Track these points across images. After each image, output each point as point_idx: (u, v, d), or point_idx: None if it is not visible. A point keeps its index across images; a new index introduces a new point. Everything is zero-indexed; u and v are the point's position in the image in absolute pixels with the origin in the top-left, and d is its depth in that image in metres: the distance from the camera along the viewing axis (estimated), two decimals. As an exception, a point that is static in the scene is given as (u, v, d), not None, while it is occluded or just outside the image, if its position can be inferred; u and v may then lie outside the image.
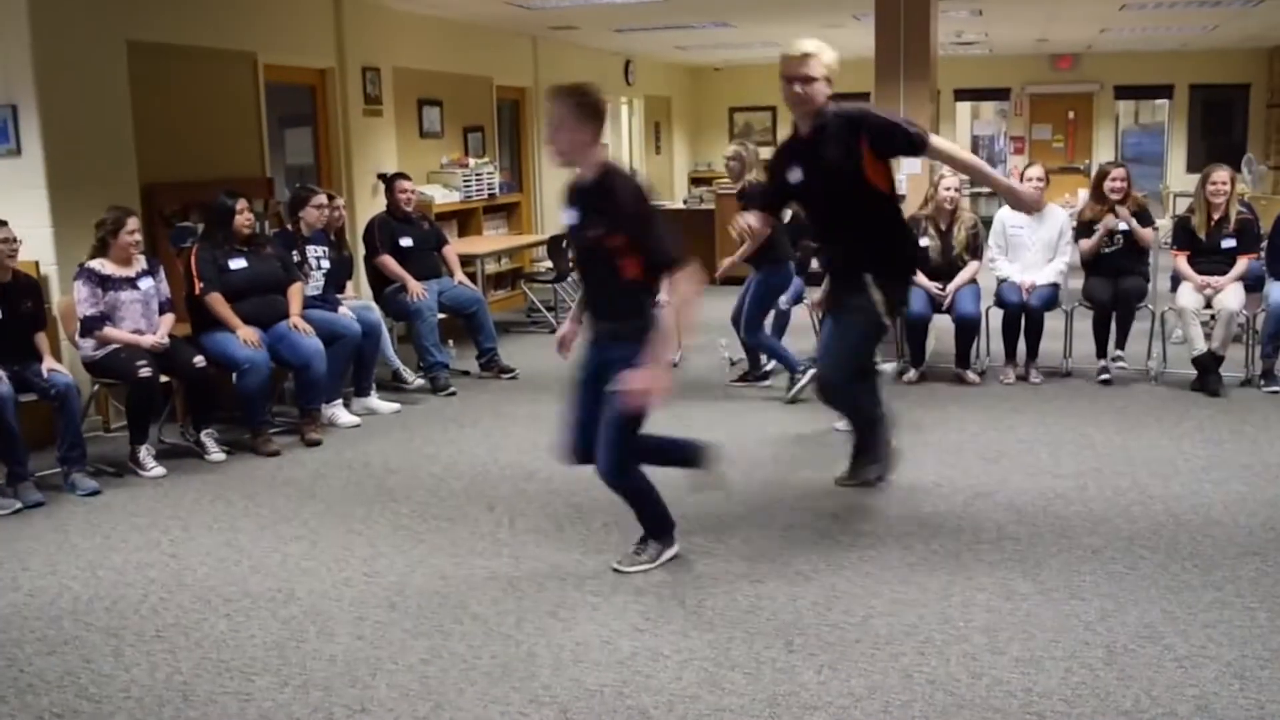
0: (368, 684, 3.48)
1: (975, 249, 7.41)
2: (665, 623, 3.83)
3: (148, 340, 5.88)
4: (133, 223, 5.96)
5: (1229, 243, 7.22)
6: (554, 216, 12.29)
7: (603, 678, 3.45)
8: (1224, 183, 7.17)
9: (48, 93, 6.42)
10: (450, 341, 7.95)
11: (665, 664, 3.53)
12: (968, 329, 7.37)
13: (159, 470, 5.82)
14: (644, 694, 3.33)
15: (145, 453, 5.84)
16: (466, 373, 8.00)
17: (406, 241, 7.81)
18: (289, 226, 7.11)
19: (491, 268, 10.27)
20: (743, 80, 17.52)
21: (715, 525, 4.77)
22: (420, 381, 7.55)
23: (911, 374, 7.46)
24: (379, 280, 7.76)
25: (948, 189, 7.32)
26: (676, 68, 17.22)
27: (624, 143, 15.93)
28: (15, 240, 5.66)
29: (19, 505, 5.30)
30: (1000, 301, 7.40)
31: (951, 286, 7.27)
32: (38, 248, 6.34)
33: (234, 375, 6.15)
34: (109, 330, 5.86)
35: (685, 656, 3.58)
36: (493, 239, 10.93)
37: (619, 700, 3.31)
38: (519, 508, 5.14)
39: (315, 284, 6.90)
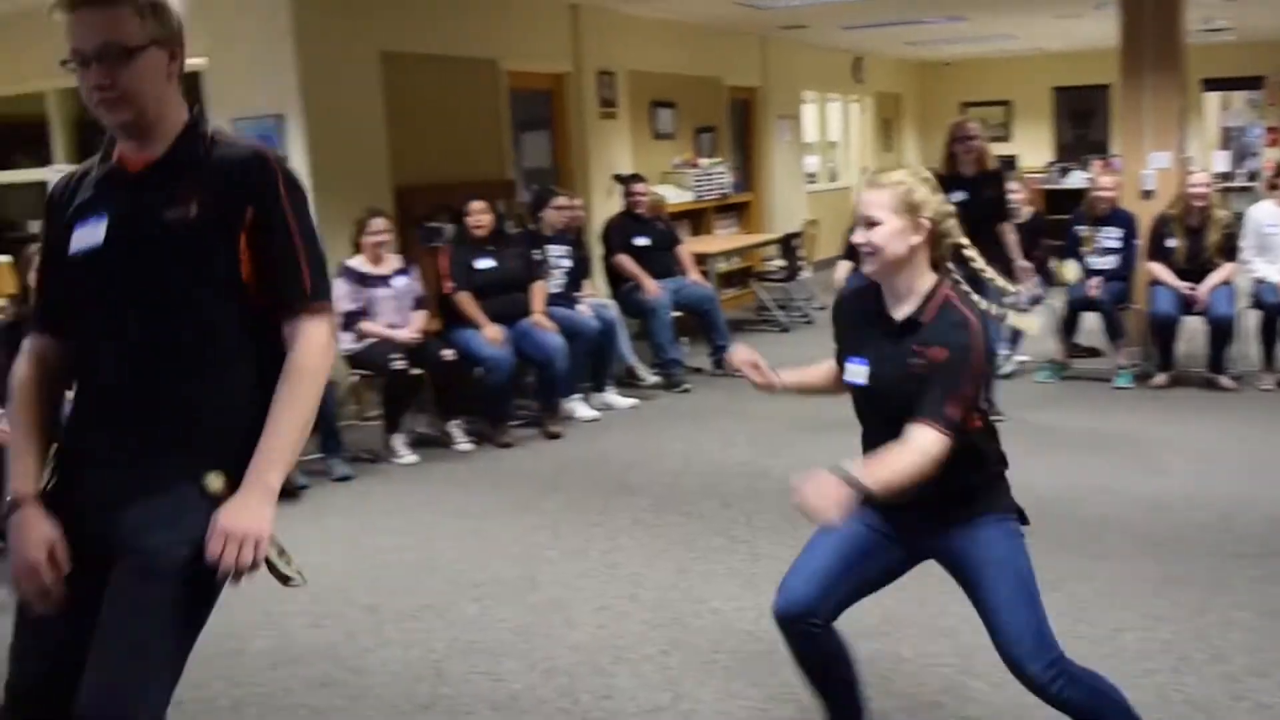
0: (609, 672, 3.58)
1: (1229, 250, 7.04)
2: (906, 626, 3.80)
3: (402, 335, 6.18)
4: (376, 224, 6.27)
5: None
6: (784, 215, 12.29)
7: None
8: None
9: (311, 103, 6.82)
10: (684, 339, 8.06)
11: (906, 667, 3.51)
12: (1222, 331, 7.01)
13: (412, 458, 6.12)
14: (885, 697, 3.32)
15: (399, 441, 6.16)
16: (699, 370, 8.09)
17: (642, 241, 7.96)
18: (531, 227, 7.34)
19: (723, 266, 10.34)
20: (975, 74, 17.10)
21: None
22: (655, 378, 7.68)
23: (1160, 378, 7.15)
24: (616, 278, 7.94)
25: (1198, 186, 6.98)
26: (906, 64, 16.94)
27: (852, 142, 15.78)
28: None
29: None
30: (1258, 303, 7.02)
31: (1204, 287, 6.93)
32: (302, 247, 6.74)
33: (479, 370, 6.41)
34: (366, 325, 6.19)
35: (926, 661, 3.55)
36: (724, 238, 11.01)
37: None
38: (755, 505, 5.18)
39: (556, 282, 7.11)
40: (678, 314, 7.90)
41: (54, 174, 8.03)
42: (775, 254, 10.71)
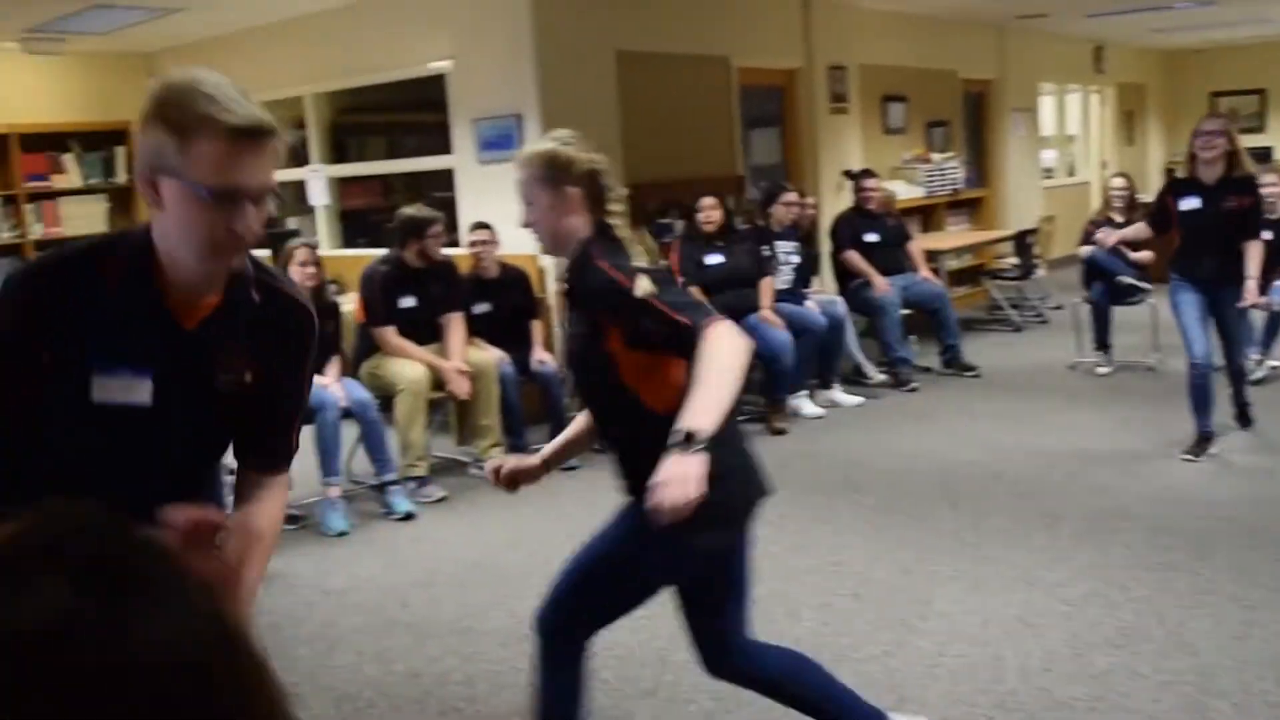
0: (832, 669, 3.58)
1: None
2: (1143, 641, 3.66)
3: (631, 329, 6.29)
4: None
5: None
6: (1019, 212, 11.93)
7: (1073, 691, 3.36)
8: None
9: (548, 102, 7.02)
10: (913, 337, 7.94)
11: (1143, 684, 3.38)
12: None
13: (639, 452, 6.23)
14: (1119, 713, 3.22)
15: (626, 433, 6.28)
16: (928, 369, 7.96)
17: (871, 237, 7.88)
18: (760, 223, 7.37)
19: (954, 264, 10.13)
20: (1226, 61, 16.14)
21: (1198, 541, 4.50)
22: (881, 376, 7.60)
23: None
24: (844, 275, 7.89)
25: None
26: (1151, 52, 16.14)
27: (1092, 135, 15.17)
28: (493, 241, 6.23)
29: (518, 475, 5.87)
30: None
31: None
32: (536, 243, 6.95)
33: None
34: (598, 319, 6.33)
35: (1166, 678, 3.41)
36: (955, 235, 10.78)
37: (1091, 716, 3.21)
38: (984, 508, 5.07)
39: (784, 278, 7.12)
40: (907, 311, 7.79)
41: (310, 174, 8.53)
42: (1009, 251, 10.42)
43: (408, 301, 5.94)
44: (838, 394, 7.15)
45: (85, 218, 8.94)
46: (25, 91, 8.79)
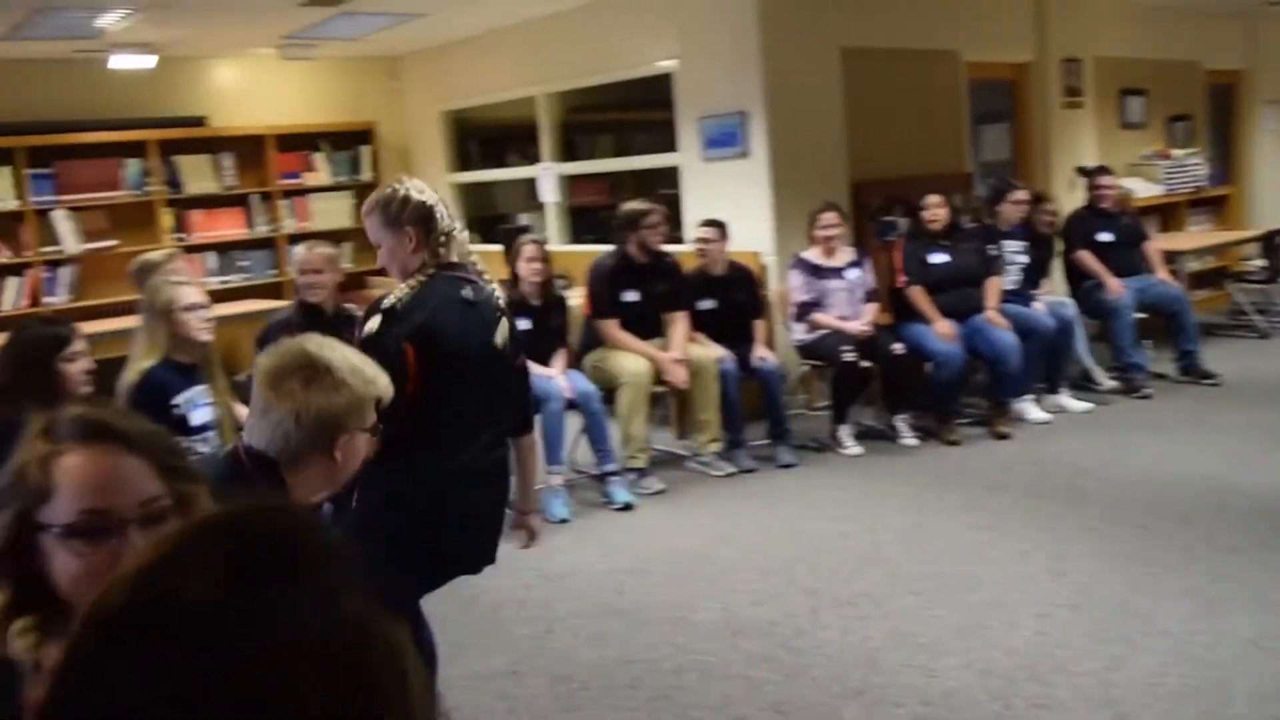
0: (1048, 681, 3.51)
1: None
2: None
3: (853, 327, 6.28)
4: (828, 217, 6.40)
5: None
6: (1268, 211, 11.27)
7: (1310, 717, 3.21)
8: None
9: (773, 100, 7.05)
10: (1148, 342, 7.62)
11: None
12: None
13: (856, 449, 6.22)
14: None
15: (845, 432, 6.28)
16: (1163, 376, 7.61)
17: (1105, 237, 7.60)
18: (987, 221, 7.22)
19: (1194, 265, 9.65)
20: None
21: None
22: (1112, 383, 7.33)
23: None
24: (1076, 276, 7.64)
25: None
26: None
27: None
28: (721, 239, 6.29)
29: (733, 470, 5.95)
30: None
31: None
32: (759, 240, 7.02)
33: (929, 365, 6.40)
34: (819, 315, 6.35)
35: None
36: (1196, 235, 10.25)
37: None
38: (1219, 524, 4.84)
39: (1012, 279, 6.95)
40: (1142, 315, 7.47)
41: (541, 172, 8.81)
42: (1255, 253, 9.86)
43: (631, 296, 6.08)
44: (1065, 399, 6.92)
45: (333, 213, 9.48)
46: (280, 95, 9.39)
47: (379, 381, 2.31)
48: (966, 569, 4.48)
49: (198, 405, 3.95)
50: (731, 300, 6.36)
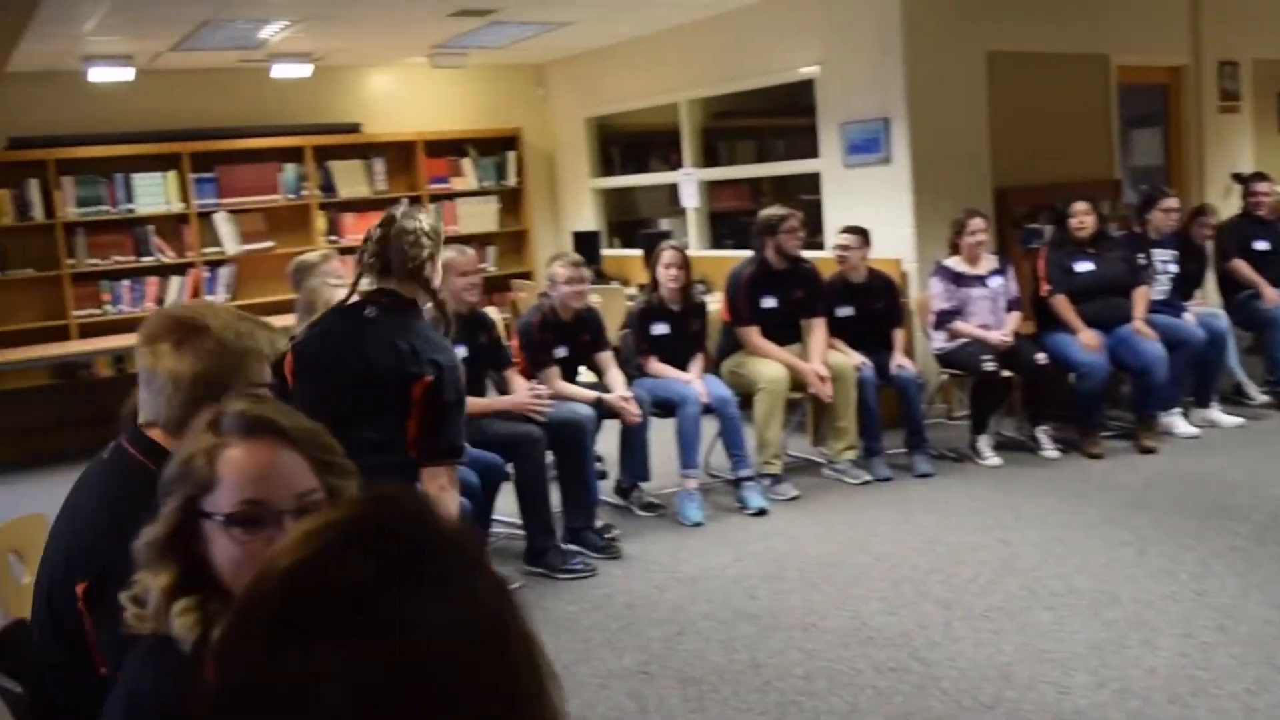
0: (1187, 703, 3.44)
1: None
2: None
3: (994, 336, 6.20)
4: (975, 224, 6.31)
5: None
6: None
7: None
8: None
9: (916, 105, 7.01)
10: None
11: None
12: None
13: (995, 460, 6.14)
14: None
15: (984, 442, 6.20)
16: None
17: (1262, 245, 7.33)
18: (1136, 229, 7.04)
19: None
20: None
21: None
22: (1265, 397, 7.08)
23: None
24: (1229, 286, 7.40)
25: None
26: None
27: None
28: (863, 246, 6.26)
29: (869, 478, 5.94)
30: None
31: None
32: (899, 247, 6.98)
33: (1072, 376, 6.28)
34: (959, 324, 6.28)
35: None
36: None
37: None
38: (1375, 545, 4.67)
39: (1161, 289, 6.78)
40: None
41: (683, 177, 8.89)
42: None
43: (770, 302, 6.10)
44: (1215, 413, 6.71)
45: (479, 217, 9.73)
46: (430, 102, 9.67)
47: (257, 335, 2.21)
48: (1105, 585, 4.40)
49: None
50: (870, 308, 6.34)
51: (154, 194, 8.51)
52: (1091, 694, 3.52)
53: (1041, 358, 6.18)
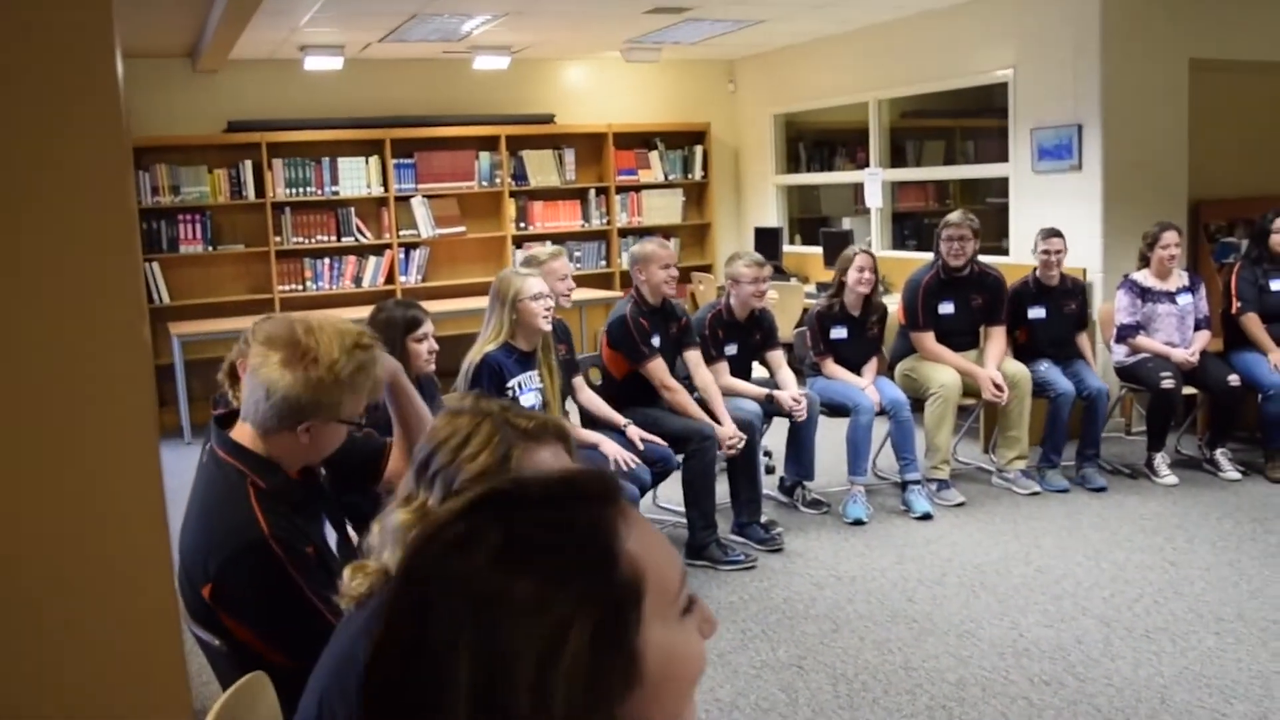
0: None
1: None
2: None
3: (1178, 354, 6.06)
4: (1168, 237, 6.16)
5: None
6: None
7: None
8: None
9: (1111, 112, 6.86)
10: None
11: None
12: None
13: (1171, 479, 6.01)
14: None
15: (1160, 460, 6.07)
16: None
17: None
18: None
19: None
20: None
21: None
22: None
23: None
24: None
25: None
26: None
27: None
28: (1065, 250, 6.19)
29: (1037, 488, 5.89)
30: None
31: None
32: (1086, 255, 6.86)
33: (1260, 396, 6.09)
34: (1141, 339, 6.16)
35: None
36: None
37: None
38: None
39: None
40: None
41: (869, 177, 8.89)
42: None
43: (947, 308, 6.10)
44: None
45: (663, 209, 9.93)
46: (621, 95, 9.90)
47: (369, 368, 2.25)
48: (1277, 615, 4.30)
49: (529, 389, 4.35)
50: (1063, 310, 6.24)
51: (357, 177, 8.95)
52: (1250, 723, 3.48)
53: (1234, 379, 6.01)
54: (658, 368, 5.16)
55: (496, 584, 0.86)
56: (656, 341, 5.23)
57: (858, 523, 5.50)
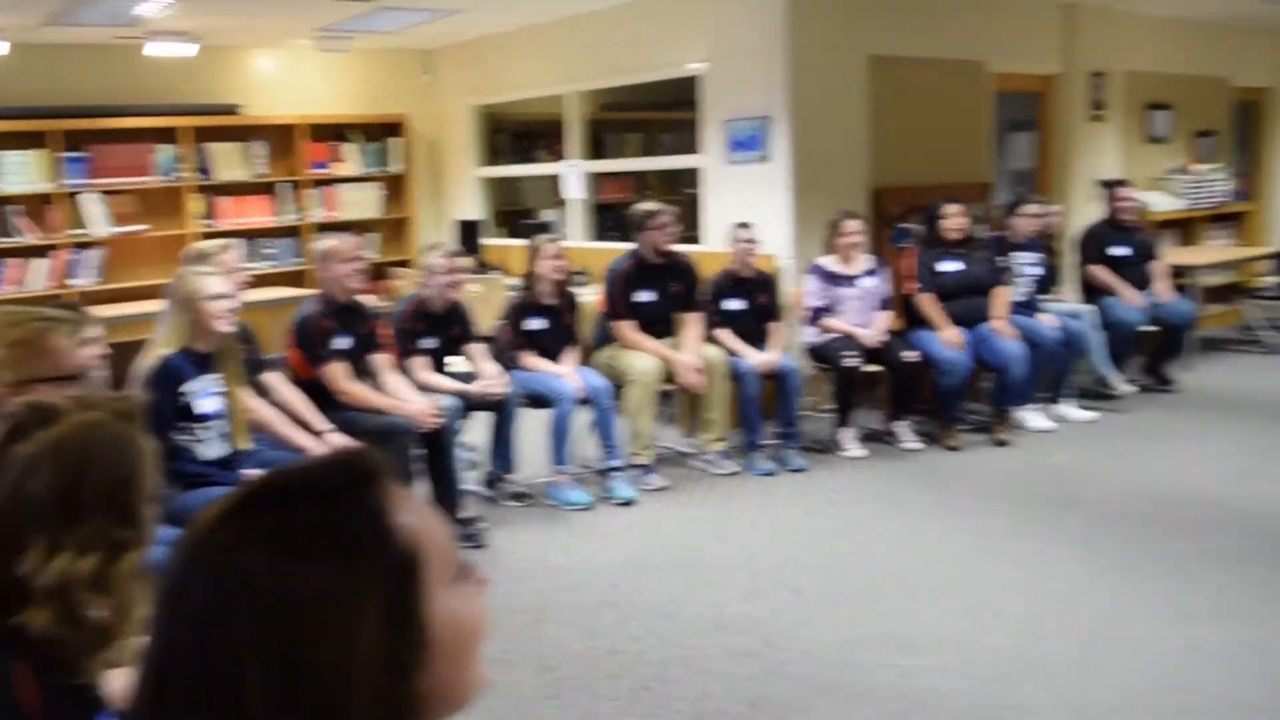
0: (1022, 684, 3.61)
1: None
2: None
3: (863, 334, 6.36)
4: (850, 225, 6.47)
5: None
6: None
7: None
8: None
9: (797, 106, 7.13)
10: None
11: None
12: None
13: (859, 452, 6.32)
14: None
15: (847, 435, 6.37)
16: (1167, 389, 7.66)
17: (1119, 251, 7.65)
18: (1003, 233, 7.28)
19: (1210, 280, 9.62)
20: None
21: None
22: (1129, 388, 7.37)
23: None
24: (1090, 288, 7.69)
25: None
26: None
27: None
28: (757, 240, 6.40)
29: (736, 469, 6.06)
30: None
31: None
32: (777, 243, 7.11)
33: (935, 371, 6.48)
34: (830, 321, 6.44)
35: None
36: (1211, 250, 10.20)
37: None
38: (1204, 534, 4.90)
39: (1022, 289, 7.02)
40: (1152, 329, 7.55)
41: (567, 169, 8.94)
42: (1270, 270, 9.84)
43: (647, 296, 6.18)
44: (1069, 409, 6.97)
45: (361, 203, 9.67)
46: (314, 85, 9.57)
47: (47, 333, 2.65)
48: (953, 572, 4.58)
49: (207, 394, 4.11)
50: (756, 301, 6.43)
51: (19, 173, 8.28)
52: (931, 676, 3.67)
53: (913, 355, 6.36)
54: (334, 372, 5.00)
55: (281, 579, 0.87)
56: (344, 342, 5.07)
57: (578, 506, 5.53)
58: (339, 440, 4.65)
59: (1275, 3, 9.18)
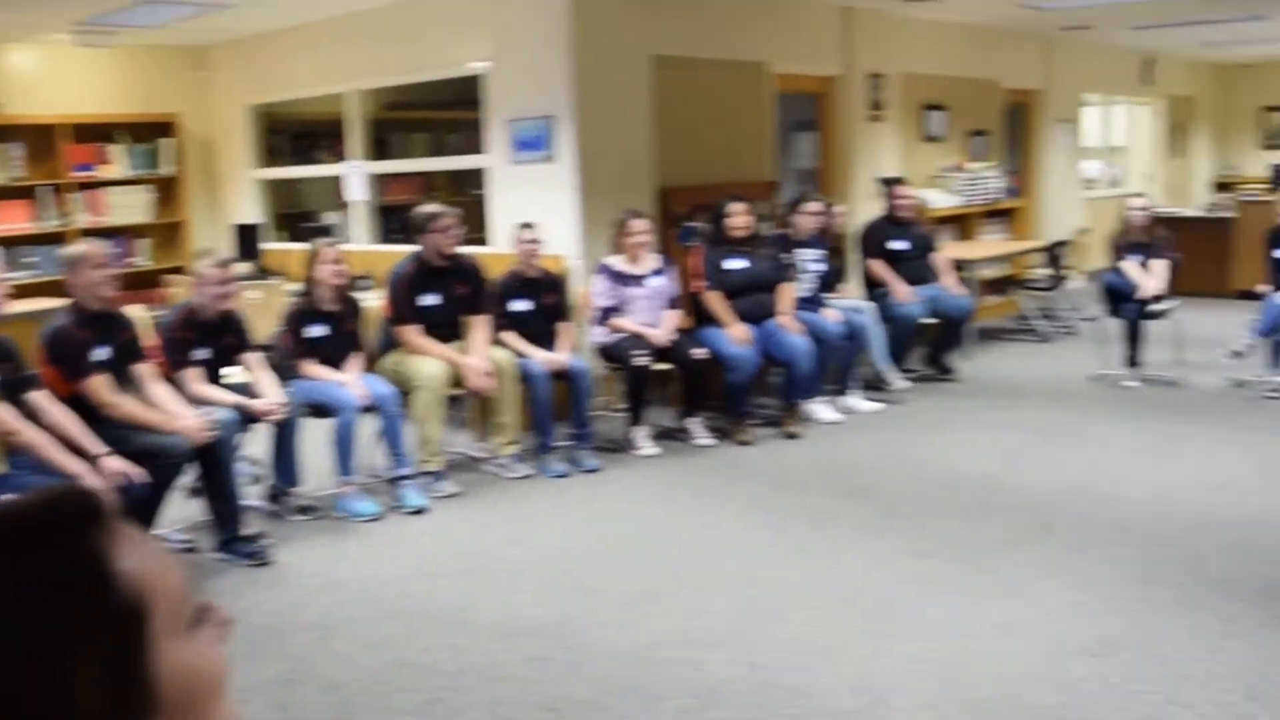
0: (811, 670, 3.66)
1: None
2: (1120, 651, 3.69)
3: (652, 333, 6.38)
4: (636, 225, 6.48)
5: None
6: (1057, 222, 11.88)
7: (1043, 698, 3.40)
8: None
9: (582, 105, 7.11)
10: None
11: (1113, 693, 3.42)
12: None
13: (653, 450, 6.33)
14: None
15: (640, 434, 6.38)
16: (948, 379, 7.97)
17: (898, 245, 7.91)
18: (787, 230, 7.42)
19: (987, 273, 10.10)
20: (1276, 77, 15.94)
21: (1190, 555, 4.51)
22: (905, 384, 7.61)
23: None
24: (871, 283, 7.92)
25: None
26: (1202, 65, 15.89)
27: (1139, 147, 15.05)
28: (542, 241, 6.34)
29: (530, 472, 5.98)
30: None
31: None
32: (564, 243, 7.07)
33: (724, 368, 6.55)
34: (619, 320, 6.43)
35: (1136, 688, 3.44)
36: (986, 244, 10.72)
37: (1064, 713, 3.28)
38: (985, 517, 5.10)
39: (807, 286, 7.17)
40: (932, 321, 7.84)
41: (349, 170, 8.70)
42: (1041, 262, 10.38)
43: (431, 300, 6.04)
44: (855, 400, 7.18)
45: (130, 207, 9.19)
46: (75, 83, 9.04)
47: None
48: (746, 565, 4.62)
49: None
50: (544, 302, 6.36)
51: None
52: (724, 668, 3.68)
53: (702, 352, 6.41)
54: (96, 385, 4.68)
55: None
56: (104, 353, 4.77)
57: (368, 517, 5.35)
58: (116, 464, 4.35)
59: (1039, 9, 9.65)
